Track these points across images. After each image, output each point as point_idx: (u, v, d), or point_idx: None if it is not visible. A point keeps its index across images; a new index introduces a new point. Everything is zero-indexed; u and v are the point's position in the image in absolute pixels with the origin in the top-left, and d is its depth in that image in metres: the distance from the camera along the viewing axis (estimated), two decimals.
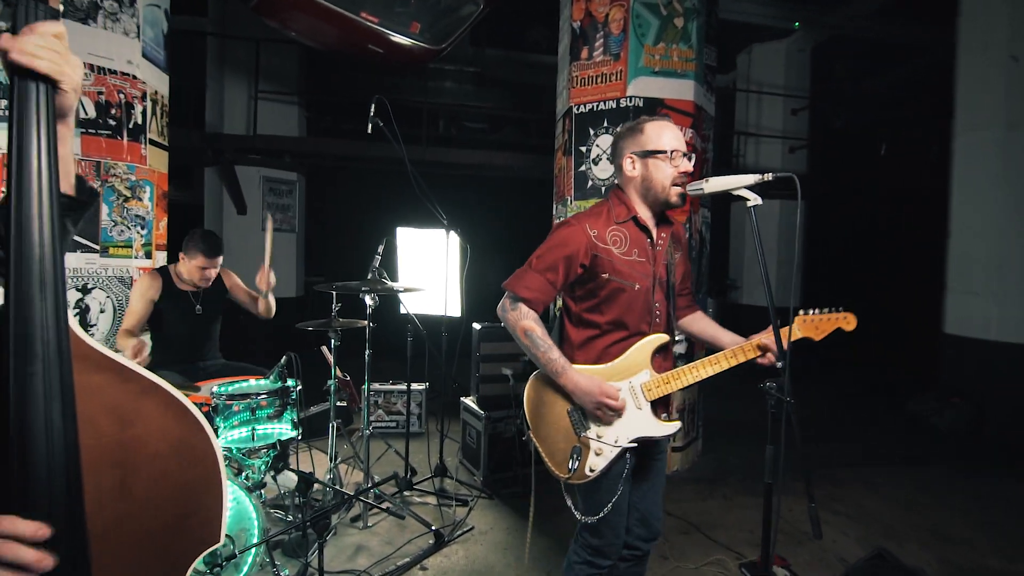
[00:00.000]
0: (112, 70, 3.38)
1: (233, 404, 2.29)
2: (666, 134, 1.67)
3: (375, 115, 3.02)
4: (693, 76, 3.47)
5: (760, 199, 1.48)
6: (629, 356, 1.65)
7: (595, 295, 1.67)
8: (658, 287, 1.70)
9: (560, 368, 1.61)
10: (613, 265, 1.64)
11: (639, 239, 1.69)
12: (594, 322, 1.69)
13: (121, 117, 3.44)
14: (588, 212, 1.74)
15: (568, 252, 1.63)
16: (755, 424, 4.72)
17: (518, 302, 1.66)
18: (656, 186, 1.67)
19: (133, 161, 3.53)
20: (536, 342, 1.62)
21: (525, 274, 1.66)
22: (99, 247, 3.39)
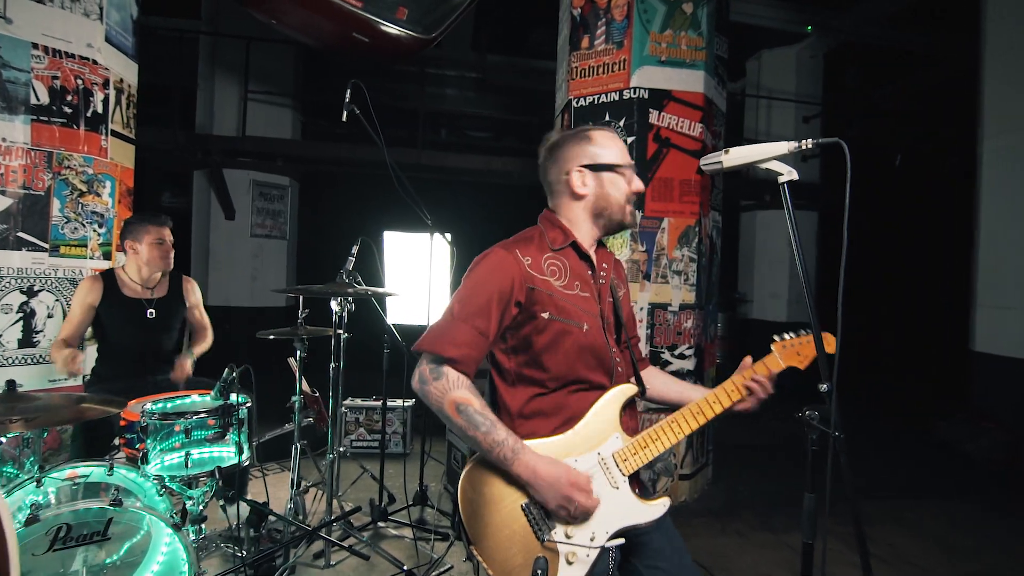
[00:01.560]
0: (69, 53, 3.10)
1: (166, 424, 1.96)
2: (618, 145, 1.41)
3: (351, 101, 2.71)
4: (703, 66, 3.17)
5: (795, 172, 1.15)
6: (594, 417, 1.30)
7: (532, 344, 1.31)
8: (607, 329, 1.37)
9: (510, 451, 1.21)
10: (554, 301, 1.30)
11: (579, 270, 1.37)
12: (535, 379, 1.33)
13: (78, 104, 3.15)
14: (514, 239, 1.38)
15: (499, 288, 1.27)
16: (768, 449, 4.32)
17: (442, 367, 1.25)
18: (613, 206, 1.38)
19: (91, 153, 3.23)
20: (474, 419, 1.22)
21: (447, 327, 1.27)
22: (48, 245, 3.08)
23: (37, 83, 3.00)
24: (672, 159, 3.13)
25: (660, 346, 3.11)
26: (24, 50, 2.95)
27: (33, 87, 2.98)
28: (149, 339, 2.82)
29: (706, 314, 3.31)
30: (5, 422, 1.60)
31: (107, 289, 2.75)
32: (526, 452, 1.21)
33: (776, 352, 1.35)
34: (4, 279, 2.95)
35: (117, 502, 1.74)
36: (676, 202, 3.13)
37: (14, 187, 2.96)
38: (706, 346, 3.32)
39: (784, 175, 1.14)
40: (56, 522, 1.65)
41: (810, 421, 1.05)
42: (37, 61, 2.99)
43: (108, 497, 1.81)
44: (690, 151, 3.15)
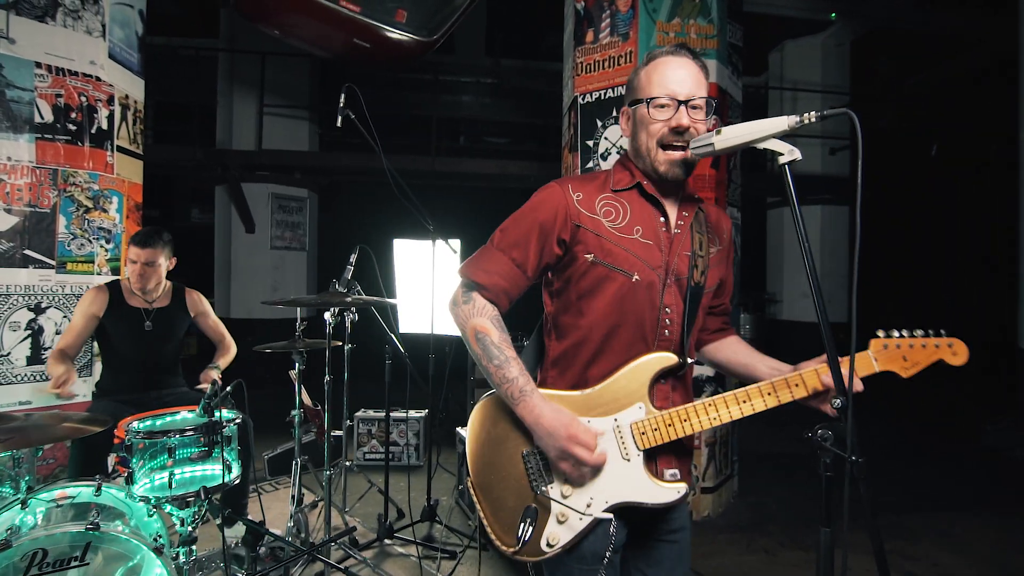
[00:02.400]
0: (72, 71, 3.12)
1: (150, 443, 1.89)
2: (666, 73, 1.18)
3: (345, 106, 2.64)
4: (715, 55, 3.00)
5: (797, 152, 1.00)
6: (618, 381, 1.16)
7: (573, 287, 1.20)
8: (672, 285, 1.19)
9: (518, 391, 1.13)
10: (601, 243, 1.17)
11: (646, 214, 1.20)
12: (571, 327, 1.22)
13: (82, 121, 3.17)
14: (578, 175, 1.28)
15: (541, 219, 1.18)
16: (797, 457, 4.06)
17: (472, 291, 1.20)
18: (641, 149, 1.21)
19: (96, 169, 3.24)
20: (489, 350, 1.15)
21: (484, 254, 1.22)
22: (55, 262, 3.09)
23: (41, 101, 3.02)
24: None
25: None
26: (27, 69, 2.97)
27: (37, 105, 3.01)
28: (148, 350, 2.78)
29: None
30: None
31: (112, 299, 2.72)
32: (534, 395, 1.13)
33: (871, 351, 1.12)
34: (12, 297, 2.96)
35: (94, 526, 1.67)
36: None
37: (20, 205, 2.98)
38: None
39: (785, 155, 0.99)
40: (31, 547, 1.59)
41: (822, 443, 0.88)
42: (40, 80, 3.01)
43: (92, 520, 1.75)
44: None
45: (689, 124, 1.16)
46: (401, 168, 7.08)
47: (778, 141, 1.00)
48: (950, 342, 1.12)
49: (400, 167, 7.12)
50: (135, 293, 2.76)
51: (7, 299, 2.95)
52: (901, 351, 1.12)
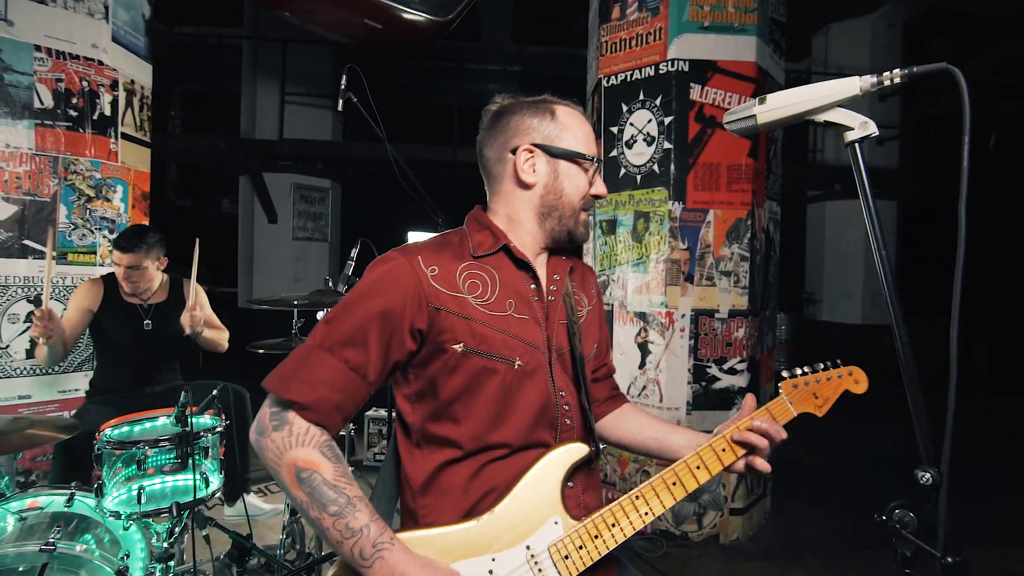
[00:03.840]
0: (74, 55, 3.00)
1: (119, 454, 1.74)
2: (586, 131, 1.06)
3: (347, 88, 2.45)
4: (755, 31, 2.70)
5: (872, 124, 0.74)
6: (520, 495, 0.92)
7: (441, 387, 0.95)
8: (557, 363, 1.01)
9: (370, 546, 0.82)
10: (471, 327, 0.94)
11: (514, 283, 1.01)
12: (445, 439, 0.96)
13: (84, 107, 3.05)
14: (423, 242, 1.02)
15: (384, 306, 0.90)
16: (828, 470, 3.74)
17: (285, 412, 0.88)
18: (565, 206, 1.04)
19: (99, 157, 3.13)
20: (320, 494, 0.83)
21: (303, 358, 0.90)
22: (56, 253, 2.99)
23: (40, 86, 2.91)
24: (719, 141, 2.68)
25: (706, 359, 2.67)
26: (26, 52, 2.86)
27: (36, 90, 2.90)
28: (146, 347, 2.66)
29: (762, 321, 2.84)
30: None
31: (107, 293, 2.62)
32: (393, 550, 0.82)
33: (784, 395, 1.04)
34: (10, 288, 2.88)
35: (51, 545, 1.52)
36: (724, 191, 2.68)
37: (18, 193, 2.88)
38: (762, 358, 2.84)
39: (855, 129, 0.74)
40: None
41: (902, 531, 0.63)
42: (40, 63, 2.90)
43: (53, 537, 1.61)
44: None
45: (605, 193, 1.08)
46: (422, 158, 6.94)
47: (845, 111, 0.75)
48: (850, 370, 1.06)
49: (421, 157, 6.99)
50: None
51: (6, 290, 2.86)
52: (810, 388, 1.03)
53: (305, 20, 4.03)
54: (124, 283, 2.57)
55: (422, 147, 6.93)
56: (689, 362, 2.65)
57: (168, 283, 2.80)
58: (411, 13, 3.29)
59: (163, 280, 2.78)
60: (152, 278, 2.65)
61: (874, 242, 0.73)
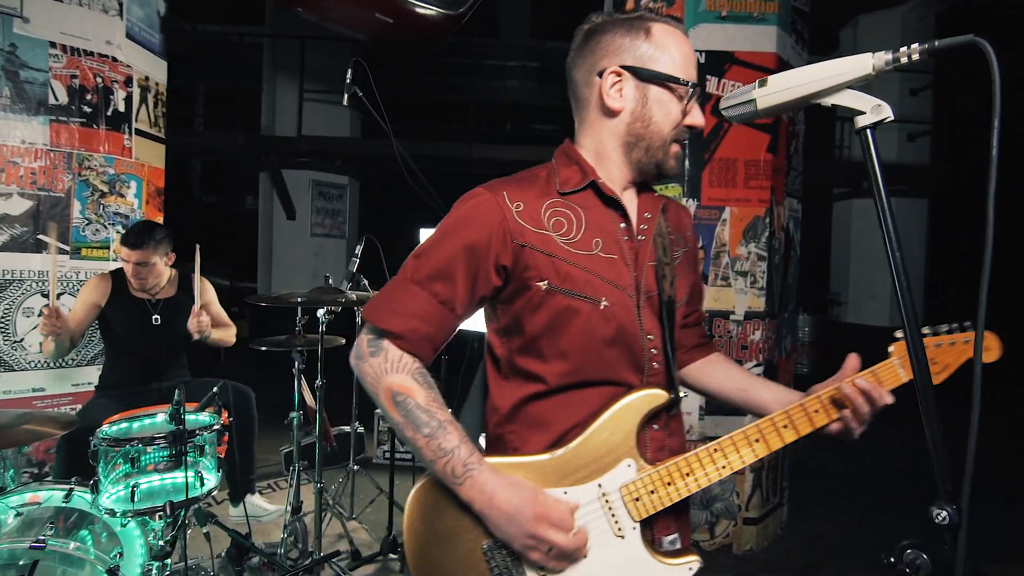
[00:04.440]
0: (88, 51, 3.02)
1: (112, 451, 1.72)
2: (684, 52, 0.95)
3: (352, 82, 2.41)
4: (775, 20, 2.59)
5: (886, 108, 0.66)
6: (597, 434, 0.91)
7: (527, 323, 0.94)
8: (646, 306, 0.96)
9: (461, 466, 0.86)
10: (555, 265, 0.91)
11: (602, 221, 0.95)
12: (532, 373, 0.95)
13: (98, 103, 3.08)
14: (510, 177, 0.98)
15: (471, 240, 0.90)
16: (851, 479, 3.60)
17: (382, 340, 0.92)
18: (654, 136, 0.95)
19: (112, 152, 3.15)
20: (415, 416, 0.88)
21: (395, 289, 0.94)
22: (69, 248, 3.03)
23: (55, 83, 2.93)
24: (736, 136, 2.57)
25: None
26: (41, 49, 2.89)
27: (51, 87, 2.93)
28: (154, 343, 2.68)
29: (780, 324, 2.72)
30: None
31: (116, 288, 2.64)
32: (482, 470, 0.87)
33: (895, 357, 0.94)
34: (25, 282, 2.91)
35: (41, 542, 1.51)
36: (741, 188, 2.58)
37: (33, 189, 2.91)
38: (780, 362, 2.73)
39: (867, 113, 0.65)
40: None
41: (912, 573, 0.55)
42: (55, 60, 2.93)
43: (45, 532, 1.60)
44: (758, 125, 2.58)
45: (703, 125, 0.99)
46: (437, 155, 6.92)
47: (856, 93, 0.67)
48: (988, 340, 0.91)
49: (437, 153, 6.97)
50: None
51: (20, 284, 2.90)
52: (928, 353, 0.85)
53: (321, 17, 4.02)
54: (132, 280, 2.58)
55: (439, 144, 6.90)
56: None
57: (176, 278, 2.81)
58: (422, 7, 3.24)
59: (171, 275, 2.79)
60: (160, 274, 2.66)
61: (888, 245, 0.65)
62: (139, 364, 2.68)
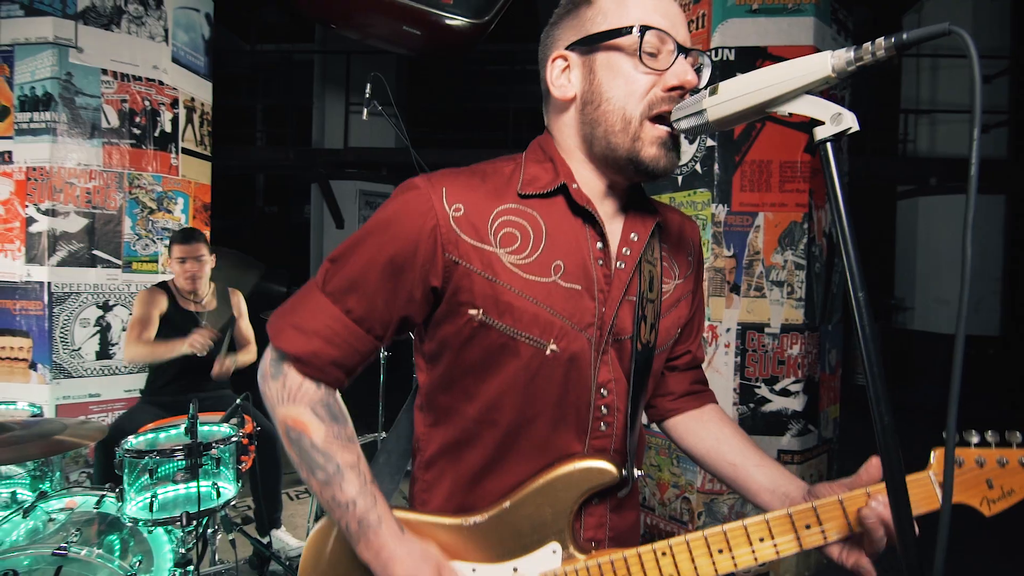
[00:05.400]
0: (136, 76, 3.21)
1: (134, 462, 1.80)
2: (653, 2, 0.73)
3: (371, 96, 2.44)
4: (812, 11, 2.42)
5: (850, 118, 0.56)
6: (523, 503, 0.76)
7: (454, 355, 0.78)
8: (612, 351, 0.78)
9: (356, 522, 0.73)
10: (495, 291, 0.73)
11: (573, 240, 0.76)
12: (452, 413, 0.80)
13: (146, 125, 3.26)
14: (462, 169, 0.79)
15: (393, 251, 0.73)
16: None
17: (283, 362, 0.77)
18: (611, 116, 0.74)
19: (160, 171, 3.34)
20: (310, 458, 0.75)
21: (303, 300, 0.78)
22: (121, 262, 3.22)
23: (107, 107, 3.13)
24: (769, 136, 2.42)
25: (754, 379, 2.41)
26: (94, 76, 3.09)
27: (103, 111, 3.12)
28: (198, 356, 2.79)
29: (823, 337, 2.53)
30: None
31: (171, 300, 2.78)
32: (381, 530, 0.73)
33: (933, 471, 0.71)
34: (82, 295, 3.11)
35: (63, 550, 1.59)
36: (775, 192, 2.42)
37: (88, 207, 3.11)
38: (823, 378, 2.54)
39: (826, 123, 0.56)
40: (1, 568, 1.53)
41: None
42: (106, 86, 3.13)
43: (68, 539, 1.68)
44: (794, 124, 2.41)
45: (695, 83, 0.73)
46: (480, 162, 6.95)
47: (816, 99, 0.58)
48: None
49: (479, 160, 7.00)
50: (186, 297, 2.78)
51: (78, 297, 3.10)
52: (988, 470, 0.66)
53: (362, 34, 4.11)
54: (184, 280, 2.70)
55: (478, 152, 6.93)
56: (735, 381, 2.40)
57: (216, 291, 2.93)
58: (448, 17, 3.25)
59: (212, 289, 2.91)
60: (207, 271, 2.78)
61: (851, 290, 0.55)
62: (181, 373, 2.79)
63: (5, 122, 3.04)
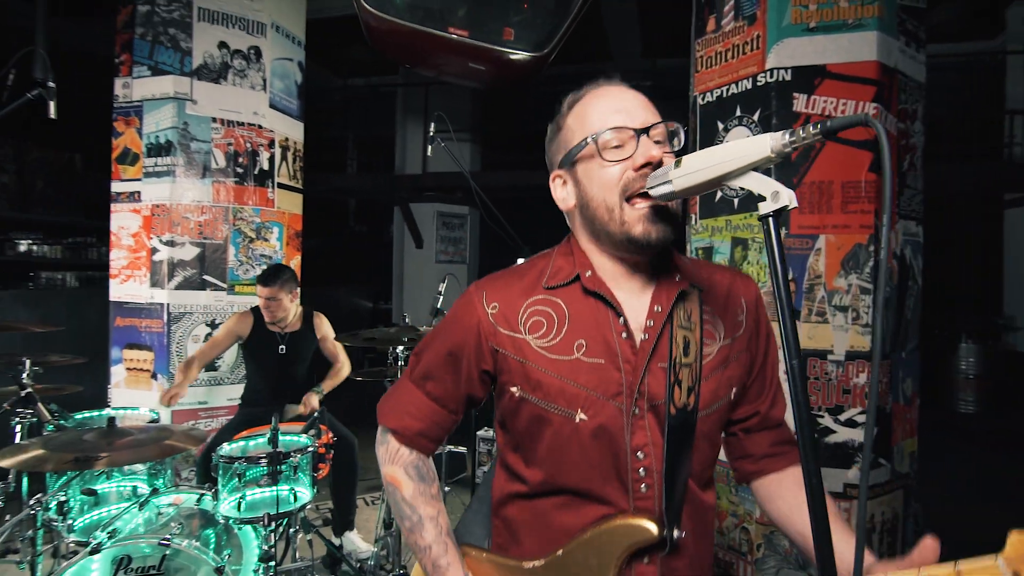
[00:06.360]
0: (240, 122, 3.65)
1: (226, 467, 2.06)
2: (607, 102, 0.88)
3: (435, 133, 2.64)
4: (875, 24, 2.33)
5: (789, 196, 0.62)
6: (572, 553, 0.85)
7: (510, 425, 0.94)
8: (646, 416, 0.85)
9: (431, 565, 0.92)
10: (526, 372, 0.87)
11: (593, 320, 0.87)
12: (516, 472, 0.94)
13: (247, 165, 3.69)
14: (504, 272, 0.96)
15: (452, 344, 0.93)
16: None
17: (386, 433, 1.01)
18: (598, 210, 0.86)
19: (259, 204, 3.75)
20: (400, 508, 0.97)
21: (398, 387, 1.02)
22: (226, 285, 3.64)
23: (216, 150, 3.59)
24: (830, 155, 2.35)
25: (816, 407, 2.33)
26: (205, 124, 3.56)
27: (213, 154, 3.58)
28: (281, 369, 3.11)
29: (896, 365, 2.40)
30: (93, 458, 1.81)
31: (255, 323, 3.12)
32: (450, 571, 0.90)
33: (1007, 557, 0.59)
34: (194, 314, 3.56)
35: (167, 541, 1.85)
36: (837, 213, 2.34)
37: (200, 238, 3.57)
38: (896, 410, 2.39)
39: (767, 200, 0.62)
40: (119, 553, 1.82)
41: None
42: (215, 132, 3.58)
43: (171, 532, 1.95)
44: (857, 142, 2.33)
45: (660, 156, 0.82)
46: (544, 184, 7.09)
47: (760, 177, 0.64)
48: None
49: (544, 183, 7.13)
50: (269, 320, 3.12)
51: (191, 316, 3.55)
52: None
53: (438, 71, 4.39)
54: (264, 312, 3.03)
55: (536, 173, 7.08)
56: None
57: (302, 314, 3.24)
58: (510, 53, 3.42)
59: (298, 312, 3.23)
60: (286, 308, 3.09)
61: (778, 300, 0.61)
62: (270, 386, 3.12)
63: (136, 167, 3.56)
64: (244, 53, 3.64)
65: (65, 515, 2.14)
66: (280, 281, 3.02)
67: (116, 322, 3.58)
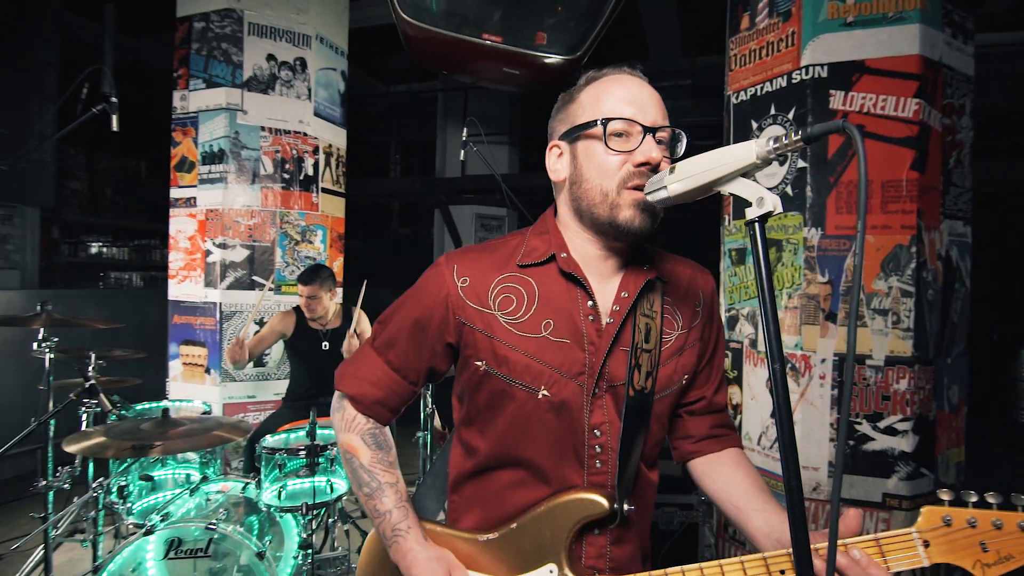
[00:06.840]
0: (286, 130, 3.83)
1: (268, 458, 2.18)
2: (622, 91, 0.88)
3: (468, 138, 2.71)
4: (917, 17, 2.24)
5: (774, 202, 0.64)
6: (528, 526, 0.89)
7: (470, 399, 0.96)
8: (604, 396, 0.89)
9: (390, 529, 0.92)
10: (493, 347, 0.90)
11: (562, 300, 0.90)
12: (473, 447, 0.97)
13: (293, 171, 3.86)
14: (475, 246, 0.99)
15: (416, 315, 0.94)
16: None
17: (343, 399, 1.01)
18: (591, 193, 0.88)
19: (304, 208, 3.92)
20: (358, 475, 0.97)
21: (359, 354, 1.02)
22: (274, 285, 3.82)
23: (264, 157, 3.77)
24: (869, 153, 2.27)
25: (854, 414, 2.26)
26: (255, 133, 3.75)
27: (262, 161, 3.77)
28: (323, 364, 3.25)
29: (940, 371, 2.30)
30: (148, 446, 1.96)
31: (298, 321, 3.27)
32: (408, 537, 0.90)
33: (919, 529, 0.72)
34: (244, 313, 3.75)
35: (213, 525, 1.98)
36: (877, 213, 2.26)
37: (249, 241, 3.76)
38: (940, 418, 2.30)
39: (753, 205, 0.64)
40: (170, 535, 1.95)
41: None
42: (263, 140, 3.77)
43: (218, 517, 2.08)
44: (898, 139, 2.25)
45: (659, 159, 0.84)
46: None
47: (747, 183, 0.66)
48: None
49: None
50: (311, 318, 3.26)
51: (241, 315, 3.75)
52: (979, 532, 0.66)
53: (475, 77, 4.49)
54: (305, 309, 3.18)
55: None
56: (831, 416, 2.27)
57: (341, 311, 3.38)
58: (544, 57, 3.45)
59: (337, 309, 3.36)
60: (326, 306, 3.22)
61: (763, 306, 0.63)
62: (312, 381, 3.27)
63: (192, 174, 3.79)
64: (290, 64, 3.82)
65: (125, 498, 2.31)
66: (320, 280, 3.16)
67: (173, 320, 3.81)
